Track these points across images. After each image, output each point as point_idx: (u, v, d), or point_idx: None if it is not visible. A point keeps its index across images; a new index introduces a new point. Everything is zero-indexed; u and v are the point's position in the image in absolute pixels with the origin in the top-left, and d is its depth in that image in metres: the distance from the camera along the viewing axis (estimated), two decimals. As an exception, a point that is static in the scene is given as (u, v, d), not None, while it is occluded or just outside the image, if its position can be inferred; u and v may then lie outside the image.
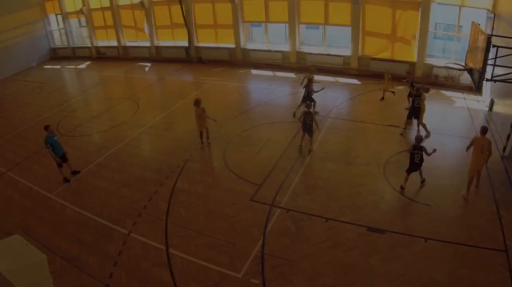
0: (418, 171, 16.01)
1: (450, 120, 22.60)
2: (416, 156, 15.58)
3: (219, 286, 11.90)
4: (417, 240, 13.29)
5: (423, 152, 15.46)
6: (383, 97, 25.68)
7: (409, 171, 15.91)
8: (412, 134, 19.75)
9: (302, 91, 23.39)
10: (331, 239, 13.53)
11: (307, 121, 18.88)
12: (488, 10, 24.51)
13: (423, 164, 15.89)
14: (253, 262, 12.70)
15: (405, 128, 20.37)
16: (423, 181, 16.35)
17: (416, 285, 11.63)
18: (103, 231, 14.65)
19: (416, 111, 19.59)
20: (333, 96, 26.16)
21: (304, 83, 23.42)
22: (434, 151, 15.46)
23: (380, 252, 12.87)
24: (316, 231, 13.93)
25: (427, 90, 20.65)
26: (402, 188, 16.09)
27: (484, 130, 15.27)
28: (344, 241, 13.41)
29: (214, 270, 12.46)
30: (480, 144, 15.13)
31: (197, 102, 19.95)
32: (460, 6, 26.18)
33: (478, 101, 25.37)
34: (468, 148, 15.72)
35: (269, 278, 12.04)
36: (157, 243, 13.80)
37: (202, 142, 20.45)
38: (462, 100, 25.54)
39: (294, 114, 22.58)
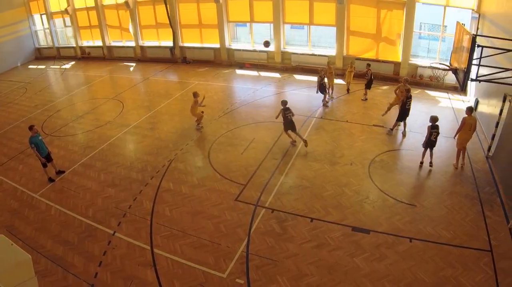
0: (432, 149, 17.15)
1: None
2: (433, 133, 16.71)
3: (204, 286, 11.86)
4: (402, 240, 13.35)
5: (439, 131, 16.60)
6: (348, 90, 27.10)
7: (426, 146, 17.21)
8: (399, 135, 19.89)
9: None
10: (316, 239, 13.54)
11: (288, 118, 19.18)
12: (473, 10, 24.71)
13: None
14: (238, 262, 12.69)
15: (392, 129, 20.43)
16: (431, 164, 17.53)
17: (401, 284, 11.68)
18: (88, 231, 14.56)
19: (407, 113, 19.62)
20: (318, 96, 26.17)
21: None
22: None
23: (365, 252, 12.91)
24: (301, 231, 13.94)
25: (407, 82, 20.83)
26: (421, 162, 17.42)
27: (470, 109, 16.39)
28: (329, 241, 13.43)
29: (199, 270, 12.44)
30: (469, 123, 16.31)
31: (194, 95, 21.67)
32: (445, 6, 26.36)
33: (463, 101, 25.53)
34: (458, 131, 16.84)
35: (254, 278, 12.04)
36: (142, 243, 13.75)
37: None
38: (447, 100, 25.69)
39: None
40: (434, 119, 16.80)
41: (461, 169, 17.46)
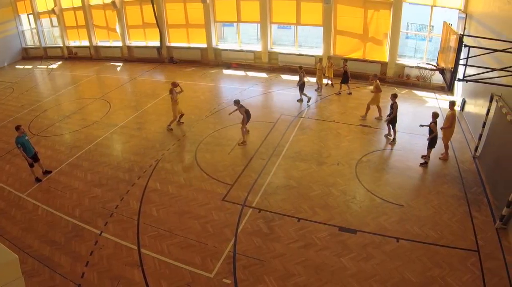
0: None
1: (422, 120, 22.71)
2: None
3: (191, 286, 11.83)
4: (389, 240, 13.40)
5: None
6: (332, 84, 28.05)
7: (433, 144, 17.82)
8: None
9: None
10: (303, 239, 13.55)
11: (249, 113, 19.72)
12: (460, 10, 24.84)
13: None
14: (225, 262, 12.67)
15: (388, 134, 20.40)
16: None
17: (387, 284, 11.72)
18: (75, 231, 14.48)
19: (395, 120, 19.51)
20: (305, 96, 26.26)
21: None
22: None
23: (352, 252, 12.93)
24: (288, 231, 13.95)
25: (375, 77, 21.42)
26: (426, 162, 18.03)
27: (453, 103, 17.46)
28: (316, 241, 13.44)
29: (186, 270, 12.41)
30: (455, 116, 17.20)
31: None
32: (432, 6, 26.49)
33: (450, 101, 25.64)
34: (449, 127, 17.53)
35: (241, 278, 12.02)
36: (129, 243, 13.70)
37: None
38: (434, 100, 25.82)
39: None
40: (435, 115, 17.43)
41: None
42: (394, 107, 18.61)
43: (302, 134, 21.06)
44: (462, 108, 23.40)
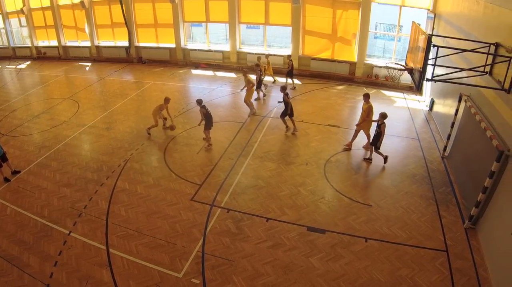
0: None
1: (391, 120, 22.87)
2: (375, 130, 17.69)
3: (159, 286, 11.75)
4: (358, 240, 13.48)
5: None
6: (274, 81, 29.02)
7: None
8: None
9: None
10: (272, 239, 13.56)
11: (210, 114, 19.64)
12: (429, 10, 25.15)
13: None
14: (194, 261, 12.60)
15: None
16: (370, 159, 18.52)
17: (356, 284, 11.77)
18: (44, 231, 14.25)
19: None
20: (273, 96, 26.35)
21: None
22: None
23: (320, 252, 12.97)
24: (257, 231, 13.94)
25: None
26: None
27: (369, 96, 18.65)
28: (284, 241, 13.46)
29: (154, 270, 12.31)
30: (372, 108, 18.45)
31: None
32: (400, 6, 26.81)
33: (419, 101, 26.01)
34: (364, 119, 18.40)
35: (210, 278, 11.96)
36: (97, 243, 13.52)
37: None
38: (402, 100, 26.12)
39: None
40: (383, 115, 17.41)
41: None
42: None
43: (270, 134, 21.14)
44: (431, 108, 23.68)
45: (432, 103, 23.52)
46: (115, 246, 13.37)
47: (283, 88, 20.59)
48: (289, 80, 28.47)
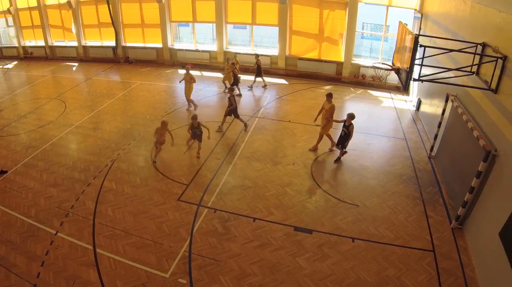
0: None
1: (378, 120, 23.10)
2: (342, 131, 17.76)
3: (146, 286, 11.70)
4: (345, 240, 13.49)
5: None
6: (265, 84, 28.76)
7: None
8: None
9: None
10: (259, 239, 13.55)
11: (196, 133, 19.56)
12: (416, 10, 25.26)
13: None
14: (181, 262, 12.55)
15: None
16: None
17: (343, 284, 11.77)
18: (31, 231, 14.12)
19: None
20: (260, 96, 26.35)
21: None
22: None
23: (307, 252, 12.96)
24: (244, 231, 13.91)
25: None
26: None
27: (331, 95, 18.76)
28: (271, 241, 13.45)
29: (141, 270, 12.24)
30: (334, 108, 18.35)
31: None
32: (387, 6, 26.91)
33: (406, 101, 26.12)
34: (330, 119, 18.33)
35: (197, 278, 11.92)
36: (84, 243, 13.42)
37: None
38: (389, 100, 26.22)
39: None
40: (351, 116, 17.36)
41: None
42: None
43: (257, 134, 21.14)
44: (418, 108, 23.77)
45: (419, 103, 23.61)
46: (102, 246, 13.27)
47: (231, 90, 21.03)
48: (259, 79, 28.66)
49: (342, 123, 17.78)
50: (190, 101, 23.93)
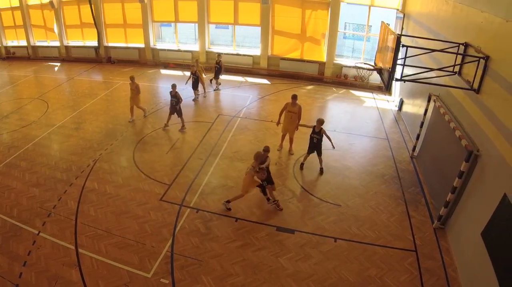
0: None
1: (360, 120, 23.21)
2: (314, 138, 17.18)
3: (128, 286, 11.64)
4: (327, 240, 13.53)
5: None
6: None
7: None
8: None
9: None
10: (241, 239, 13.55)
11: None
12: (398, 10, 25.36)
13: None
14: (163, 261, 12.52)
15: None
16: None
17: (325, 284, 11.80)
18: (13, 231, 13.99)
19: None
20: (243, 96, 26.42)
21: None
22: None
23: (289, 252, 12.99)
24: (226, 231, 13.91)
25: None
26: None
27: (296, 96, 18.18)
28: (253, 241, 13.45)
29: (123, 270, 12.18)
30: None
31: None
32: (369, 6, 27.04)
33: (388, 101, 26.27)
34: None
35: (179, 278, 11.90)
36: (66, 243, 13.33)
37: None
38: (371, 100, 26.38)
39: None
40: (320, 121, 17.12)
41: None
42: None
43: (240, 134, 21.15)
44: (400, 108, 23.88)
45: (401, 103, 23.73)
46: (84, 246, 13.19)
47: (174, 86, 21.35)
48: (223, 77, 28.83)
49: (312, 130, 17.43)
50: (141, 108, 23.53)
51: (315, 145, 17.41)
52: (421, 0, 21.19)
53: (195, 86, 25.79)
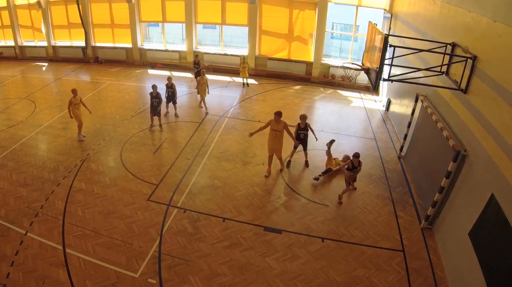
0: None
1: (347, 120, 23.26)
2: (301, 133, 17.50)
3: (116, 286, 11.59)
4: (314, 240, 13.56)
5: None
6: (244, 84, 29.29)
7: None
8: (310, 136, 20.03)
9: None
10: (228, 239, 13.55)
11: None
12: (385, 10, 25.46)
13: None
14: (150, 261, 12.50)
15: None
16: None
17: (313, 284, 11.82)
18: (0, 231, 13.89)
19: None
20: (230, 96, 26.42)
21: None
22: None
23: (277, 252, 13.01)
24: (213, 231, 13.91)
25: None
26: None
27: (281, 113, 16.75)
28: (241, 241, 13.46)
29: (111, 270, 12.13)
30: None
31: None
32: (357, 6, 27.15)
33: (375, 101, 26.37)
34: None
35: (166, 278, 11.88)
36: (54, 243, 13.25)
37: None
38: (359, 100, 26.47)
39: None
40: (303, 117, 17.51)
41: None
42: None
43: (227, 134, 21.17)
44: (388, 108, 23.96)
45: (389, 103, 23.80)
46: (72, 246, 13.12)
47: (155, 87, 21.10)
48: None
49: (297, 127, 17.63)
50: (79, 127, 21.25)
51: (302, 141, 17.65)
52: (409, 0, 21.27)
53: (170, 100, 23.70)
